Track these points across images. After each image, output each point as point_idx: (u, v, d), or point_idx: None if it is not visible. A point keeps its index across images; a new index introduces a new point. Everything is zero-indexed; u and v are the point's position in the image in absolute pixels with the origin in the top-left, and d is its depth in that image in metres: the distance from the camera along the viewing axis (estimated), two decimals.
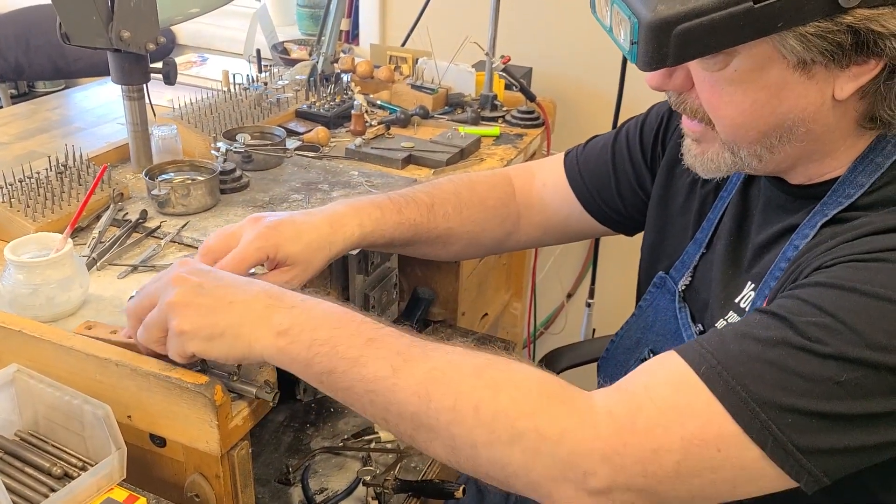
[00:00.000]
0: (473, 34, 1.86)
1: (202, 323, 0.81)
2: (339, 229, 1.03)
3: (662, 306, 1.04)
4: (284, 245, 0.98)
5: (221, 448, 0.88)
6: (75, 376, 0.91)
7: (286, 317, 0.80)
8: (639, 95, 1.95)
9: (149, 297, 0.86)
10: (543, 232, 1.24)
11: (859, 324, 0.68)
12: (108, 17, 1.25)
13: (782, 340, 0.69)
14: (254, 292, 0.82)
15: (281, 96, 1.73)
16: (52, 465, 0.86)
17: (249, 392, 0.90)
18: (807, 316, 0.70)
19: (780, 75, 0.74)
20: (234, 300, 0.81)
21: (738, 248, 0.94)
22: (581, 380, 1.61)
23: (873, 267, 0.70)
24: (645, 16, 0.68)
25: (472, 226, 1.18)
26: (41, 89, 2.82)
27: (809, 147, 0.80)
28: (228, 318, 0.80)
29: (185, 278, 0.83)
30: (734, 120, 0.79)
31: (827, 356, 0.68)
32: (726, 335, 0.73)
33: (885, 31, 0.69)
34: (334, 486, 1.20)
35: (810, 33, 0.69)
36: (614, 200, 1.16)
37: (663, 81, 0.82)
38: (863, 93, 0.75)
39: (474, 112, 1.79)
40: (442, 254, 1.20)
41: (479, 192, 1.19)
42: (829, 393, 0.67)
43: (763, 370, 0.69)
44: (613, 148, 1.16)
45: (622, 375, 1.07)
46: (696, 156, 0.87)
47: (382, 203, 1.09)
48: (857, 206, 0.79)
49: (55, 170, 1.28)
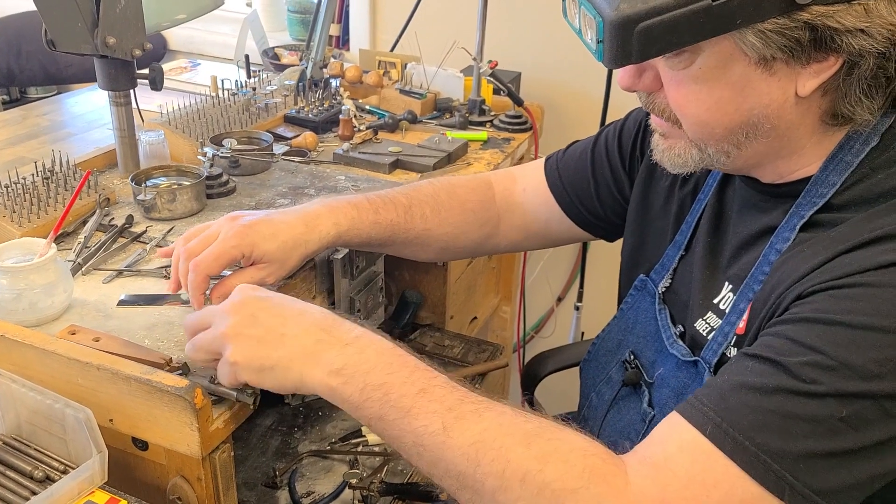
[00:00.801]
0: (461, 40, 1.87)
1: (254, 355, 0.83)
2: (314, 228, 1.05)
3: (643, 308, 1.05)
4: (260, 244, 1.00)
5: (203, 451, 0.88)
6: (57, 380, 0.92)
7: (339, 356, 0.81)
8: (625, 100, 1.95)
9: (203, 319, 0.88)
10: (524, 236, 1.25)
11: (850, 357, 0.69)
12: (93, 24, 1.25)
13: (779, 387, 0.71)
14: (306, 325, 0.83)
15: (269, 101, 1.74)
16: (34, 469, 0.87)
17: (230, 395, 0.91)
18: (797, 356, 0.71)
19: (742, 72, 0.76)
20: (285, 332, 0.83)
21: (716, 249, 0.95)
22: (566, 382, 1.62)
23: (852, 294, 0.72)
24: (608, 14, 0.70)
25: (450, 228, 1.19)
26: (33, 95, 2.82)
27: (775, 144, 0.82)
28: (280, 352, 0.82)
29: (241, 307, 0.85)
30: (699, 117, 0.80)
31: (825, 395, 0.69)
32: (724, 388, 0.74)
33: (841, 28, 0.70)
34: (321, 490, 1.20)
35: (769, 30, 0.71)
36: (593, 205, 1.17)
37: (633, 82, 0.84)
38: (825, 89, 0.77)
39: (462, 116, 1.80)
40: (420, 254, 1.21)
41: (459, 195, 1.21)
42: (833, 431, 0.69)
43: (766, 420, 0.70)
44: (593, 153, 1.17)
45: (603, 378, 1.08)
46: (663, 151, 0.89)
47: (359, 203, 1.11)
48: (831, 205, 0.81)
49: (41, 175, 1.29)
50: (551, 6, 2.06)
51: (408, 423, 0.77)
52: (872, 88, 0.76)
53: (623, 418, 1.03)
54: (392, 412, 0.78)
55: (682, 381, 0.93)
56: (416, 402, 0.77)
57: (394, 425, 0.78)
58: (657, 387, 0.97)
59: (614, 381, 1.06)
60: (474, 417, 0.76)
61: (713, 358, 0.88)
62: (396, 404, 0.78)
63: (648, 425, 0.96)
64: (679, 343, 0.96)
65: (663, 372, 0.97)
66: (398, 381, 0.79)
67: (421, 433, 0.77)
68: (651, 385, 0.99)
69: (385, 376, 0.79)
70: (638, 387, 1.01)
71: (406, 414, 0.77)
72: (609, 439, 1.02)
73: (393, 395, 0.78)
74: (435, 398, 0.78)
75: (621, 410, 1.04)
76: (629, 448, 0.97)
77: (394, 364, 0.81)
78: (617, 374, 1.06)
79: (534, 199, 1.22)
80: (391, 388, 0.79)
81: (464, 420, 0.76)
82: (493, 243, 1.25)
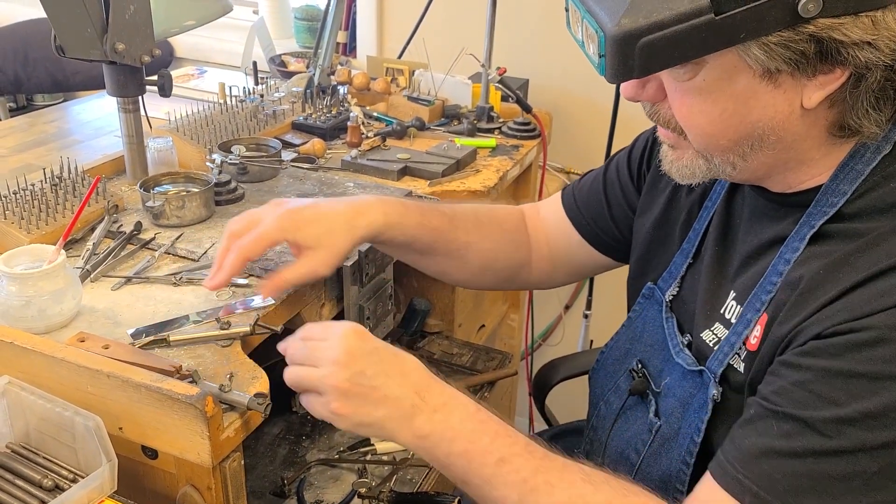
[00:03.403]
0: (470, 46, 1.86)
1: (356, 412, 0.86)
2: (362, 213, 1.05)
3: (650, 317, 1.04)
4: (305, 227, 1.01)
5: (213, 459, 0.88)
6: (67, 388, 0.91)
7: (427, 423, 0.86)
8: (634, 108, 1.94)
9: (311, 357, 0.89)
10: (552, 267, 1.26)
11: (872, 408, 0.70)
12: (102, 30, 1.25)
13: (808, 449, 0.72)
14: (405, 388, 0.87)
15: (277, 108, 1.74)
16: (43, 477, 0.86)
17: (241, 403, 0.90)
18: (820, 410, 0.72)
19: (747, 85, 0.75)
20: (387, 395, 0.86)
21: (724, 258, 0.94)
22: (576, 391, 1.61)
23: (871, 340, 0.71)
24: (610, 29, 0.70)
25: (490, 244, 1.20)
26: (39, 102, 2.83)
27: (782, 155, 0.81)
28: (378, 413, 0.86)
29: (351, 362, 0.87)
30: (704, 129, 0.80)
31: (855, 451, 0.70)
32: (752, 451, 0.75)
33: (847, 40, 0.69)
34: (330, 499, 1.19)
35: (773, 43, 0.70)
36: (609, 226, 1.17)
37: (637, 93, 0.83)
38: (831, 101, 0.76)
39: (470, 123, 1.79)
40: (458, 272, 1.22)
41: (497, 214, 1.24)
42: (869, 485, 0.70)
43: (801, 484, 0.72)
44: (605, 177, 1.18)
45: (611, 387, 1.08)
46: (672, 161, 0.88)
47: (407, 202, 1.13)
48: (842, 214, 0.80)
49: (50, 182, 1.29)
50: (559, 13, 2.06)
51: (488, 492, 0.84)
52: (880, 101, 0.75)
53: (630, 428, 1.02)
54: (474, 479, 0.84)
55: (687, 390, 0.92)
56: (495, 472, 0.83)
57: (476, 490, 0.85)
58: (663, 396, 0.97)
59: (622, 390, 1.06)
60: (547, 490, 0.81)
61: (718, 368, 0.87)
62: (478, 472, 0.84)
63: (654, 436, 0.96)
64: (685, 352, 0.95)
65: (669, 381, 0.96)
66: (479, 450, 0.84)
67: (500, 502, 0.83)
68: (658, 394, 0.98)
69: (467, 444, 0.84)
70: (645, 396, 1.01)
71: (486, 483, 0.83)
72: (616, 449, 1.02)
73: (475, 463, 0.84)
74: (512, 469, 0.83)
75: (628, 420, 1.03)
76: (635, 459, 0.97)
77: (476, 431, 0.85)
78: (625, 383, 1.05)
79: (555, 228, 1.23)
80: (472, 457, 0.84)
81: (537, 492, 0.81)
82: (525, 273, 1.26)
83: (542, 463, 0.83)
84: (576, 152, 2.14)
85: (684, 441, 0.90)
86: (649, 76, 0.80)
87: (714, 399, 0.87)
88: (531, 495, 0.81)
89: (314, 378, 0.88)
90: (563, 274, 1.28)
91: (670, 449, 0.92)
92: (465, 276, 1.24)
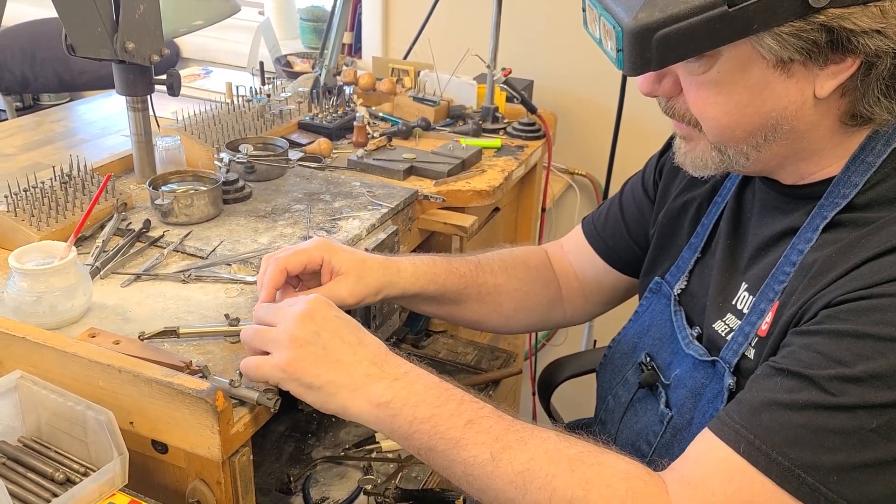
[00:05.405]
0: (475, 47, 1.87)
1: (305, 371, 0.85)
2: (395, 261, 1.08)
3: (658, 311, 1.05)
4: (342, 252, 1.02)
5: (223, 454, 0.88)
6: (78, 382, 0.92)
7: (387, 389, 0.84)
8: (638, 108, 1.96)
9: (273, 316, 0.89)
10: (585, 299, 1.27)
11: (878, 369, 0.70)
12: (112, 29, 1.26)
13: (808, 402, 0.72)
14: (360, 356, 0.86)
15: (284, 108, 1.75)
16: (55, 471, 0.87)
17: (251, 398, 0.91)
18: (826, 369, 0.72)
19: (761, 75, 0.77)
20: (340, 359, 0.85)
21: (735, 251, 0.96)
22: (581, 389, 1.61)
23: (880, 305, 0.72)
24: (627, 23, 0.72)
25: (519, 283, 1.21)
26: (46, 102, 2.84)
27: (795, 145, 0.83)
28: (329, 376, 0.85)
29: (307, 320, 0.86)
30: (719, 121, 0.81)
31: (855, 407, 0.70)
32: (754, 404, 0.75)
33: (857, 29, 0.71)
34: (335, 496, 1.20)
35: (785, 32, 0.72)
36: (630, 246, 1.19)
37: (653, 87, 0.85)
38: (843, 90, 0.78)
39: (475, 124, 1.80)
40: (492, 316, 1.21)
41: (519, 255, 1.24)
42: (865, 442, 0.70)
43: (798, 435, 0.72)
44: (621, 200, 1.21)
45: (620, 380, 1.09)
46: (685, 153, 0.90)
47: (433, 256, 1.14)
48: (854, 205, 0.81)
49: (59, 180, 1.30)
50: (565, 14, 2.08)
51: (457, 454, 0.81)
52: (891, 88, 0.77)
53: (640, 420, 1.03)
54: (441, 443, 0.81)
55: (698, 381, 0.93)
56: (464, 434, 0.81)
57: (443, 456, 0.81)
58: (674, 388, 0.98)
59: (631, 383, 1.07)
60: (520, 446, 0.79)
61: (733, 358, 0.88)
62: (445, 435, 0.81)
63: (666, 426, 0.97)
64: (696, 344, 0.97)
65: (679, 373, 0.97)
66: (446, 414, 0.82)
67: (470, 463, 0.80)
68: (668, 387, 0.99)
69: (433, 409, 0.82)
70: (654, 388, 1.02)
71: (455, 445, 0.81)
72: (626, 441, 1.03)
73: (441, 426, 0.81)
74: (482, 429, 0.81)
75: (638, 413, 1.04)
76: (647, 450, 0.98)
77: (441, 397, 0.83)
78: (633, 376, 1.07)
79: (581, 259, 1.25)
80: (439, 420, 0.82)
81: (510, 449, 0.79)
82: (559, 310, 1.27)
83: (513, 424, 0.82)
84: (580, 153, 2.15)
85: (697, 430, 0.91)
86: (665, 71, 0.82)
87: (730, 388, 0.88)
88: (504, 452, 0.79)
89: (269, 336, 0.88)
90: (596, 304, 1.28)
91: (683, 439, 0.93)
92: (500, 321, 1.23)
